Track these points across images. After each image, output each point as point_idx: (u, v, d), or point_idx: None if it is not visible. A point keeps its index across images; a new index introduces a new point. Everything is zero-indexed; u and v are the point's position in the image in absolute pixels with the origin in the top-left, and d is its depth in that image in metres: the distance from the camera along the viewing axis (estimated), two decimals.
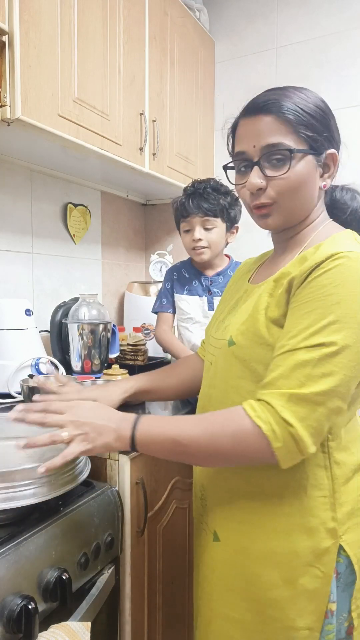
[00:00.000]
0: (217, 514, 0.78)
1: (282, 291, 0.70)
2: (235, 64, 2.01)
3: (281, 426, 0.62)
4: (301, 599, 0.71)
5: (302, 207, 0.75)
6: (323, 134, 0.72)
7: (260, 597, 0.73)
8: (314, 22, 1.84)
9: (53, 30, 1.15)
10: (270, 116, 0.70)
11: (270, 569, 0.72)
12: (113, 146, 1.39)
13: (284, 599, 0.71)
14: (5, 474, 0.73)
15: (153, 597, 1.06)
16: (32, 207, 1.58)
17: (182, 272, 1.49)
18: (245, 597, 0.74)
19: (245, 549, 0.74)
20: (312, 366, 0.63)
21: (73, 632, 0.70)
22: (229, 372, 0.76)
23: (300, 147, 0.71)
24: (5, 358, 1.26)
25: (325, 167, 0.74)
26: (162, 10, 1.62)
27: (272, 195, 0.73)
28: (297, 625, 0.71)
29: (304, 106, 0.71)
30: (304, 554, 0.71)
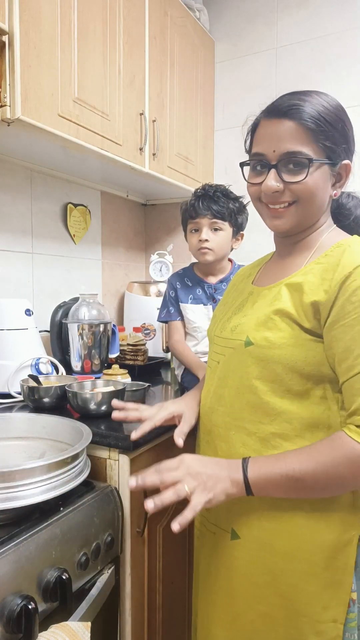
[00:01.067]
0: (233, 513, 0.79)
1: (309, 303, 0.71)
2: (235, 64, 2.01)
3: None
4: (326, 592, 0.72)
5: (314, 214, 0.77)
6: (342, 145, 0.74)
7: (286, 592, 0.74)
8: (314, 22, 1.84)
9: (53, 30, 1.15)
10: (292, 122, 0.72)
11: (295, 564, 0.73)
12: (113, 146, 1.39)
13: (309, 593, 0.73)
14: (6, 474, 0.73)
15: (153, 597, 1.06)
16: (32, 207, 1.58)
17: (184, 280, 1.48)
18: (271, 591, 0.75)
19: (268, 545, 0.75)
20: None
21: (73, 632, 0.70)
22: (245, 372, 0.77)
23: (319, 156, 0.72)
24: (5, 358, 1.26)
25: (338, 176, 0.76)
26: (162, 10, 1.62)
27: (290, 196, 0.75)
28: (323, 618, 0.72)
29: (326, 115, 0.72)
30: (326, 547, 0.72)
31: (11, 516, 0.77)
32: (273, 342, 0.73)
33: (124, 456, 0.96)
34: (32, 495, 0.74)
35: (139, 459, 0.98)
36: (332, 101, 0.75)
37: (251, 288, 0.87)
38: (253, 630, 0.77)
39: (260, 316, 0.76)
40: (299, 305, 0.72)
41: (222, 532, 0.81)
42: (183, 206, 1.42)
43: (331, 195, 0.77)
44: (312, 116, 0.71)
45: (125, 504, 0.95)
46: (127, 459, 0.95)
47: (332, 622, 0.72)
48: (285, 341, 0.72)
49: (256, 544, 0.76)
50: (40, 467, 0.75)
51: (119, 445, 0.95)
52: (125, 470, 0.96)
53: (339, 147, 0.73)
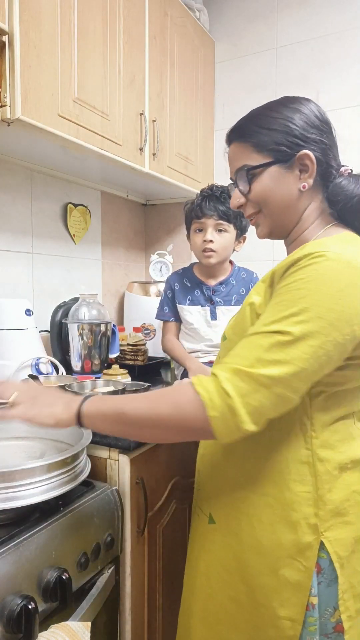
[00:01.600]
0: (212, 499, 0.81)
1: (266, 287, 0.73)
2: (235, 64, 2.01)
3: (220, 396, 0.63)
4: (284, 590, 0.73)
5: (286, 213, 0.79)
6: (287, 140, 0.75)
7: (250, 582, 0.76)
8: (314, 22, 1.84)
9: (53, 30, 1.15)
10: (234, 144, 0.80)
11: (257, 557, 0.75)
12: (113, 146, 1.39)
13: (268, 588, 0.74)
14: (6, 474, 0.73)
15: (153, 596, 1.06)
16: (32, 207, 1.58)
17: (183, 281, 1.48)
18: (238, 578, 0.77)
19: (236, 534, 0.77)
20: (264, 350, 0.64)
21: (73, 632, 0.70)
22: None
23: (265, 161, 0.76)
24: (5, 358, 1.27)
25: (304, 167, 0.76)
26: (162, 10, 1.62)
27: (252, 206, 0.80)
28: (280, 614, 0.73)
29: (265, 123, 0.76)
30: (286, 546, 0.73)
31: (11, 516, 0.77)
32: (239, 335, 0.75)
33: (123, 456, 0.96)
34: (32, 495, 0.74)
35: (138, 458, 0.98)
36: (275, 105, 0.78)
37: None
38: (224, 612, 0.79)
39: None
40: (262, 293, 0.74)
41: (202, 515, 0.84)
42: (187, 205, 1.42)
43: (300, 188, 0.77)
44: (250, 130, 0.77)
45: (125, 504, 0.95)
46: (127, 459, 0.95)
47: (289, 621, 0.73)
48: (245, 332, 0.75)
49: (227, 532, 0.78)
50: (40, 467, 0.76)
51: (118, 445, 0.95)
52: (125, 470, 0.96)
53: (280, 145, 0.75)
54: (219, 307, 1.42)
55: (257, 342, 0.65)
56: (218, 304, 1.42)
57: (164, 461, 1.08)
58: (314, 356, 0.63)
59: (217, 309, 1.42)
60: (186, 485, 1.17)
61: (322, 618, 0.73)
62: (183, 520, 1.18)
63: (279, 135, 0.75)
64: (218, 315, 1.42)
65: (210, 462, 0.83)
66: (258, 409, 0.63)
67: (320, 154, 0.76)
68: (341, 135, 0.81)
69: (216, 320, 1.42)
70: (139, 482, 0.97)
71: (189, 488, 1.20)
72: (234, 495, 0.77)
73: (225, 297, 1.42)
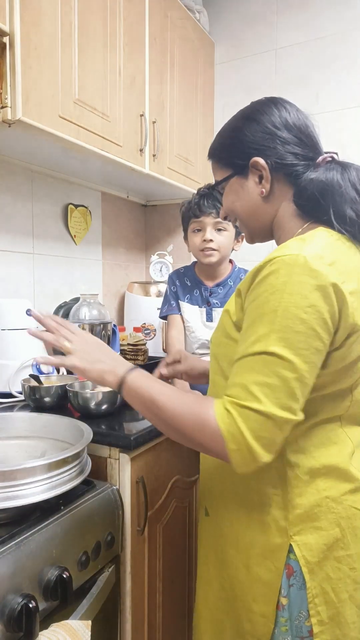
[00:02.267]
0: (208, 493, 0.85)
1: (236, 295, 0.75)
2: (235, 65, 2.02)
3: (236, 434, 0.64)
4: (256, 586, 0.75)
5: (254, 219, 0.82)
6: (236, 151, 0.79)
7: (230, 574, 0.79)
8: (313, 23, 1.85)
9: (54, 31, 1.15)
10: (210, 161, 0.86)
11: (235, 552, 0.78)
12: (113, 147, 1.39)
13: (243, 582, 0.76)
14: (6, 473, 0.73)
15: (153, 595, 1.06)
16: (33, 208, 1.58)
17: (184, 279, 1.47)
18: (224, 571, 0.80)
19: (221, 528, 0.80)
20: (258, 374, 0.64)
21: (74, 630, 0.71)
22: (211, 369, 0.84)
23: (225, 175, 0.81)
24: (6, 358, 1.27)
25: (258, 174, 0.78)
26: (162, 11, 1.63)
27: (231, 217, 0.86)
28: (253, 609, 0.75)
29: (222, 139, 0.82)
30: (258, 545, 0.75)
31: (12, 515, 0.77)
32: (219, 341, 0.79)
33: (124, 455, 0.96)
34: (33, 494, 0.74)
35: (139, 457, 0.99)
36: (229, 119, 0.82)
37: None
38: (218, 599, 0.82)
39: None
40: (234, 301, 0.76)
41: (201, 508, 0.87)
42: (184, 205, 1.39)
43: (259, 193, 0.78)
44: (214, 148, 0.83)
45: (126, 503, 0.96)
46: (127, 458, 0.96)
47: (262, 617, 0.74)
48: (223, 339, 0.77)
49: (216, 524, 0.82)
50: (41, 466, 0.76)
51: (119, 444, 0.95)
52: (125, 469, 0.96)
53: (234, 156, 0.79)
54: (215, 309, 1.42)
55: (249, 366, 0.65)
56: (214, 305, 1.42)
57: (164, 460, 1.08)
58: (307, 371, 0.64)
59: (214, 310, 1.42)
60: (186, 484, 1.18)
61: (297, 620, 0.73)
62: (183, 519, 1.18)
63: (232, 149, 0.79)
64: (214, 317, 1.42)
65: (205, 457, 0.85)
66: (270, 440, 0.64)
67: (277, 158, 0.75)
68: (340, 136, 0.82)
69: (212, 322, 1.42)
70: (139, 481, 0.97)
71: (189, 487, 1.20)
72: (221, 492, 0.81)
73: (222, 298, 1.42)
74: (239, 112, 0.82)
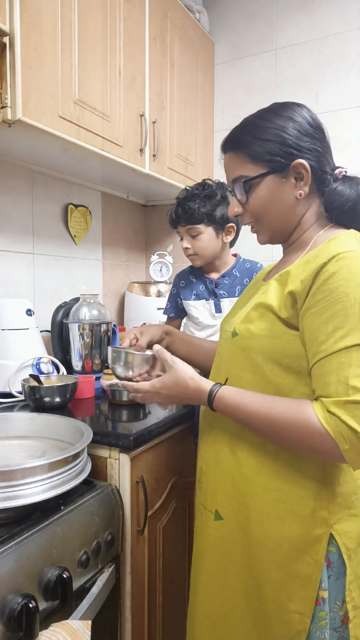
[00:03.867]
0: (217, 495, 0.82)
1: (287, 293, 0.73)
2: (235, 65, 2.02)
3: (347, 431, 0.65)
4: (293, 584, 0.74)
5: (283, 220, 0.80)
6: (282, 151, 0.76)
7: (257, 576, 0.77)
8: (313, 23, 1.85)
9: (54, 31, 1.15)
10: (230, 154, 0.81)
11: (264, 551, 0.76)
12: (113, 147, 1.39)
13: (277, 582, 0.75)
14: (7, 473, 0.73)
15: (153, 595, 1.06)
16: (33, 208, 1.58)
17: (189, 277, 1.48)
18: (246, 572, 0.78)
19: (244, 529, 0.78)
20: (354, 367, 0.65)
21: (74, 630, 0.71)
22: (232, 363, 0.81)
23: (260, 171, 0.77)
24: (6, 358, 1.27)
25: (299, 176, 0.77)
26: (162, 11, 1.63)
27: (250, 217, 0.83)
28: (289, 608, 0.74)
29: (258, 134, 0.77)
30: (295, 540, 0.74)
31: (12, 515, 0.77)
32: (253, 333, 0.76)
33: (124, 455, 0.96)
34: (33, 494, 0.74)
35: (139, 457, 0.99)
36: (268, 115, 0.78)
37: (260, 284, 0.91)
38: (231, 607, 0.80)
39: (248, 309, 0.80)
40: (280, 297, 0.75)
41: (207, 512, 0.84)
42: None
43: (296, 196, 0.78)
44: (245, 141, 0.78)
45: (126, 503, 0.96)
46: (127, 458, 0.96)
47: (298, 615, 0.74)
48: (264, 332, 0.75)
49: (235, 527, 0.80)
50: (41, 466, 0.76)
51: (119, 444, 0.95)
52: (125, 469, 0.96)
53: (278, 155, 0.76)
54: (222, 300, 1.43)
55: (341, 361, 0.66)
56: (222, 296, 1.44)
57: (164, 460, 1.08)
58: None
59: (221, 301, 1.43)
60: (186, 484, 1.18)
61: (332, 612, 0.74)
62: (183, 519, 1.18)
63: (273, 146, 0.76)
64: (223, 308, 1.42)
65: (215, 459, 0.84)
66: None
67: (314, 162, 0.77)
68: (341, 137, 0.82)
69: (221, 313, 1.43)
70: (139, 481, 0.97)
71: (189, 487, 1.20)
72: (241, 491, 0.78)
73: (229, 289, 1.43)
74: (267, 109, 0.79)
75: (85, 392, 1.26)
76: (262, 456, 0.76)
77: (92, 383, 1.28)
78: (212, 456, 0.85)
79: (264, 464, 0.76)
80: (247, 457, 0.78)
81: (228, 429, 0.81)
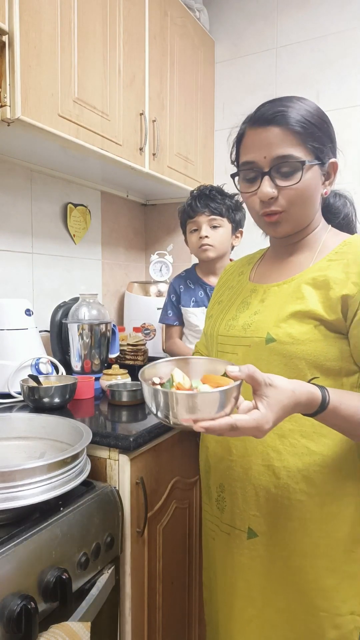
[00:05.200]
0: (249, 513, 0.79)
1: (339, 297, 0.72)
2: (235, 64, 2.01)
3: None
4: (344, 585, 0.74)
5: (308, 215, 0.79)
6: (327, 145, 0.76)
7: (304, 588, 0.75)
8: (314, 22, 1.84)
9: (53, 30, 1.15)
10: (279, 128, 0.73)
11: (313, 560, 0.74)
12: (113, 146, 1.39)
13: (329, 588, 0.74)
14: (6, 474, 0.73)
15: (153, 597, 1.06)
16: (32, 207, 1.58)
17: (187, 282, 1.48)
18: (290, 588, 0.76)
19: (284, 543, 0.76)
20: None
21: (73, 632, 0.70)
22: (265, 369, 0.73)
23: (309, 157, 0.74)
24: (5, 358, 1.26)
25: (327, 175, 0.78)
26: (162, 10, 1.62)
27: (283, 203, 0.76)
28: (341, 611, 0.74)
29: (310, 117, 0.74)
30: (343, 541, 0.73)
31: (11, 516, 0.77)
32: (297, 338, 0.74)
33: (124, 456, 0.96)
34: (32, 495, 0.74)
35: (139, 458, 0.98)
36: (312, 105, 0.78)
37: (252, 286, 0.87)
38: (272, 627, 0.78)
39: (280, 313, 0.77)
40: (325, 301, 0.73)
41: (237, 532, 0.81)
42: (180, 208, 1.44)
43: (322, 194, 0.79)
44: (298, 120, 0.73)
45: (125, 504, 0.95)
46: (127, 459, 0.95)
47: (350, 615, 0.74)
48: (308, 337, 0.73)
49: (273, 542, 0.77)
50: (40, 467, 0.75)
51: (118, 445, 0.95)
52: (125, 470, 0.96)
53: (325, 146, 0.76)
54: None
55: None
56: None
57: (164, 461, 1.08)
58: None
59: None
60: (186, 485, 1.17)
61: None
62: (183, 520, 1.18)
63: (323, 136, 0.76)
64: None
65: (243, 475, 0.80)
66: None
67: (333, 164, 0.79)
68: (341, 135, 0.82)
69: None
70: (139, 482, 0.97)
71: (190, 488, 1.20)
72: (280, 503, 0.76)
73: None
74: (315, 104, 0.77)
75: (84, 392, 1.25)
76: (302, 462, 0.75)
77: (91, 383, 1.28)
78: (238, 473, 0.81)
79: (306, 469, 0.75)
80: (286, 467, 0.76)
81: (261, 441, 0.77)
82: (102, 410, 1.17)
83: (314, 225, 0.82)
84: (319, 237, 0.81)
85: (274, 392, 0.62)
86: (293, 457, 0.76)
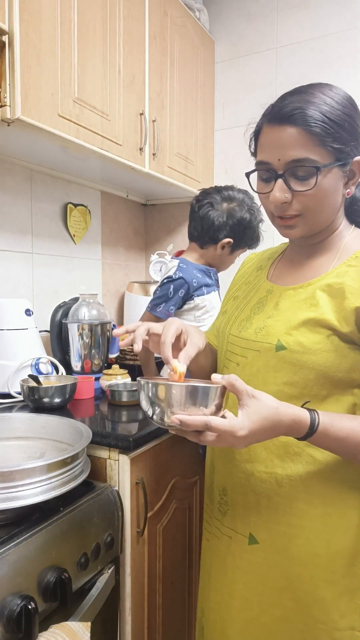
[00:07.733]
0: (251, 518, 0.78)
1: (352, 309, 0.69)
2: (235, 63, 2.01)
3: None
4: (343, 599, 0.71)
5: (327, 217, 0.75)
6: (350, 144, 0.70)
7: (302, 598, 0.73)
8: (314, 21, 1.84)
9: (53, 30, 1.15)
10: (295, 128, 0.68)
11: (312, 570, 0.72)
12: (113, 146, 1.39)
13: (326, 601, 0.72)
14: (5, 474, 0.73)
15: (153, 597, 1.06)
16: (32, 207, 1.57)
17: (194, 273, 1.46)
18: (288, 596, 0.74)
19: (285, 551, 0.74)
20: None
21: (73, 632, 0.70)
22: (272, 377, 0.74)
23: (327, 160, 0.69)
24: (5, 358, 1.26)
25: (351, 173, 0.73)
26: (162, 10, 1.62)
27: (298, 207, 0.72)
28: (340, 625, 0.71)
29: (332, 115, 0.68)
30: (345, 554, 0.71)
31: (11, 516, 0.77)
32: (308, 348, 0.71)
33: (123, 456, 0.96)
34: (32, 495, 0.74)
35: (139, 458, 0.98)
36: (337, 96, 0.70)
37: (269, 285, 0.83)
38: (269, 634, 0.76)
39: (292, 320, 0.73)
40: (340, 310, 0.70)
41: (239, 536, 0.80)
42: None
43: (344, 194, 0.74)
44: (317, 119, 0.67)
45: (125, 504, 0.95)
46: (127, 459, 0.95)
47: (350, 630, 0.71)
48: (320, 347, 0.70)
49: (273, 549, 0.75)
50: (40, 467, 0.75)
51: (118, 445, 0.95)
52: (125, 470, 0.96)
53: (347, 145, 0.69)
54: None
55: None
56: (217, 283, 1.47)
57: (164, 461, 1.08)
58: None
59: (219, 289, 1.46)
60: (186, 485, 1.17)
61: None
62: (183, 521, 1.18)
63: (345, 134, 0.69)
64: (222, 295, 1.43)
65: (245, 480, 0.78)
66: None
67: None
68: None
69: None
70: (139, 482, 0.97)
71: (190, 488, 1.20)
72: (282, 510, 0.75)
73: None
74: (339, 94, 0.70)
75: (84, 392, 1.25)
76: (305, 471, 0.73)
77: (91, 383, 1.28)
78: (240, 478, 0.79)
79: (309, 479, 0.73)
80: (289, 475, 0.74)
81: (265, 447, 0.76)
82: (102, 410, 1.17)
83: (334, 227, 0.77)
84: (340, 239, 0.77)
85: (255, 403, 0.62)
86: (297, 466, 0.74)
